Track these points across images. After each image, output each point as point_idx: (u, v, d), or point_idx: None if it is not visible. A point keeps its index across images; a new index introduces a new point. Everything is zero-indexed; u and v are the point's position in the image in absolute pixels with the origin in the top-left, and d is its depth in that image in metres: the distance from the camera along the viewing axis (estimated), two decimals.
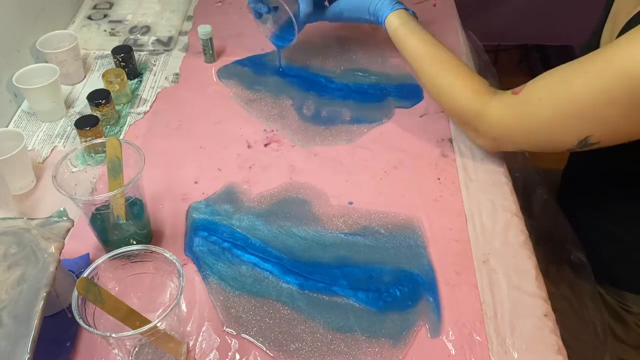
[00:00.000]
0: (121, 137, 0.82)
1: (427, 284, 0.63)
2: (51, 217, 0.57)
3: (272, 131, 0.83)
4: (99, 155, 0.65)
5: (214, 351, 0.57)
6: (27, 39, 0.90)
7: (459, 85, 0.71)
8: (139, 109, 0.87)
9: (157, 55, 0.98)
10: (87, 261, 0.65)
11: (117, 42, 0.99)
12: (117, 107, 0.86)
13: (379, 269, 0.64)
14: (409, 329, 0.59)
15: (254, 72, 0.94)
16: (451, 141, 0.80)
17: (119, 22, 1.05)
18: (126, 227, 0.62)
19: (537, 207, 0.82)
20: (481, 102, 0.68)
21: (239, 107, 0.87)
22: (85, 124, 0.77)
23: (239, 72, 0.93)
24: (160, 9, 1.09)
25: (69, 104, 0.88)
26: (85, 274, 0.50)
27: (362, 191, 0.74)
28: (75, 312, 0.47)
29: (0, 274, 0.51)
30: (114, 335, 0.47)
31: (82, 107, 0.87)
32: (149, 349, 0.55)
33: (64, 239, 0.55)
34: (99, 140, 0.62)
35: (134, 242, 0.63)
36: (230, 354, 0.57)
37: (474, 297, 0.62)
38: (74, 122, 0.78)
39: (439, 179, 0.75)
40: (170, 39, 1.01)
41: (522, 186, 0.81)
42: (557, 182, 0.90)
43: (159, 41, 1.01)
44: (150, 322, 0.47)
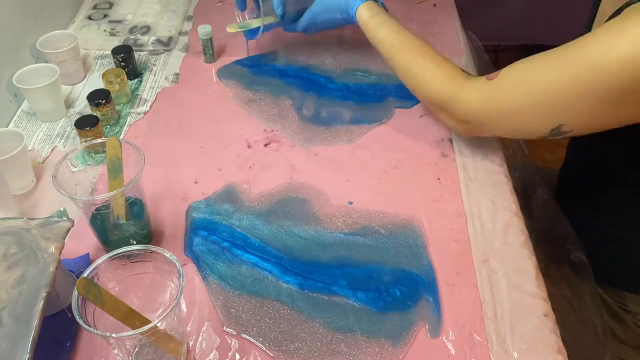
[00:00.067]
0: (121, 137, 0.82)
1: (427, 284, 0.63)
2: (51, 217, 0.57)
3: (272, 131, 0.83)
4: (99, 155, 0.65)
5: (214, 351, 0.57)
6: (27, 39, 0.90)
7: (432, 71, 0.72)
8: (139, 109, 0.87)
9: (157, 55, 0.98)
10: (87, 261, 0.65)
11: (117, 42, 0.99)
12: (117, 107, 0.86)
13: (378, 268, 0.64)
14: (409, 329, 0.59)
15: (254, 72, 0.94)
16: (451, 141, 0.80)
17: (119, 22, 1.05)
18: (126, 227, 0.62)
19: (537, 207, 0.82)
20: (455, 87, 0.69)
21: (239, 107, 0.87)
22: (85, 124, 0.77)
23: (239, 72, 0.93)
24: (160, 9, 1.09)
25: (69, 104, 0.88)
26: (85, 274, 0.50)
27: (362, 191, 0.74)
28: (75, 312, 0.47)
29: (0, 274, 0.51)
30: (114, 335, 0.47)
31: (82, 107, 0.88)
32: (149, 349, 0.55)
33: (64, 239, 0.55)
34: (99, 140, 0.62)
35: (134, 242, 0.63)
36: (230, 354, 0.57)
37: (474, 297, 0.62)
38: (74, 122, 0.78)
39: (439, 179, 0.75)
40: (170, 39, 1.01)
41: (522, 186, 0.81)
42: (556, 182, 0.90)
43: (159, 41, 1.01)
44: (150, 322, 0.47)
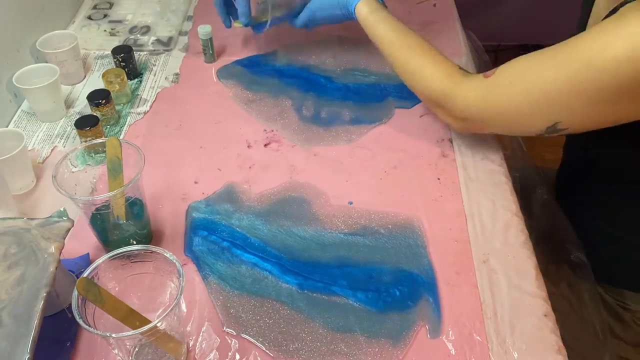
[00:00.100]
0: (121, 137, 0.82)
1: (427, 284, 0.63)
2: (51, 217, 0.57)
3: (272, 131, 0.83)
4: (99, 155, 0.65)
5: (214, 351, 0.57)
6: (27, 39, 0.90)
7: (430, 68, 0.72)
8: (139, 109, 0.87)
9: (157, 55, 0.98)
10: (87, 261, 0.65)
11: (117, 42, 0.99)
12: (117, 107, 0.86)
13: (378, 269, 0.64)
14: (409, 329, 0.59)
15: (254, 72, 0.93)
16: (451, 141, 0.80)
17: (119, 22, 1.05)
18: (126, 227, 0.62)
19: (537, 207, 0.82)
20: (452, 84, 0.69)
21: (239, 107, 0.87)
22: (85, 124, 0.77)
23: (239, 72, 0.93)
24: (160, 9, 1.09)
25: (69, 104, 0.88)
26: (85, 274, 0.50)
27: (362, 191, 0.74)
28: (75, 312, 0.47)
29: (0, 274, 0.51)
30: (114, 335, 0.47)
31: (82, 107, 0.87)
32: (149, 349, 0.55)
33: (64, 239, 0.55)
34: (99, 140, 0.62)
35: (134, 242, 0.63)
36: (230, 354, 0.57)
37: (474, 297, 0.62)
38: (74, 122, 0.78)
39: (439, 179, 0.75)
40: (170, 39, 1.01)
41: (522, 186, 0.81)
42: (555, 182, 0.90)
43: (159, 41, 1.01)
44: (150, 322, 0.47)
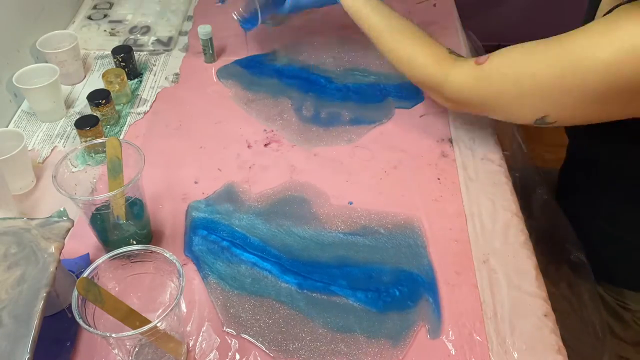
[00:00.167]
0: (121, 137, 0.82)
1: (427, 284, 0.63)
2: (51, 217, 0.57)
3: (272, 131, 0.83)
4: (99, 155, 0.65)
5: (214, 351, 0.57)
6: (27, 39, 0.90)
7: (419, 54, 0.72)
8: (139, 109, 0.87)
9: (157, 55, 0.98)
10: (87, 261, 0.65)
11: (117, 42, 0.99)
12: (117, 107, 0.86)
13: (378, 268, 0.64)
14: (408, 329, 0.59)
15: (254, 72, 0.93)
16: (451, 141, 0.80)
17: (119, 22, 1.05)
18: (126, 227, 0.62)
19: (537, 207, 0.82)
20: (443, 71, 0.70)
21: (239, 107, 0.87)
22: (85, 124, 0.77)
23: (239, 73, 0.93)
24: (160, 9, 1.09)
25: (69, 104, 0.88)
26: (85, 274, 0.50)
27: (362, 191, 0.74)
28: (75, 312, 0.47)
29: (0, 274, 0.51)
30: (114, 335, 0.47)
31: (82, 107, 0.88)
32: (149, 349, 0.55)
33: (64, 239, 0.55)
34: (99, 140, 0.62)
35: (134, 242, 0.63)
36: (230, 354, 0.57)
37: (474, 297, 0.62)
38: (74, 122, 0.78)
39: (439, 179, 0.75)
40: (170, 39, 1.01)
41: (521, 186, 0.81)
42: (556, 182, 0.90)
43: (159, 41, 1.01)
44: (150, 322, 0.47)
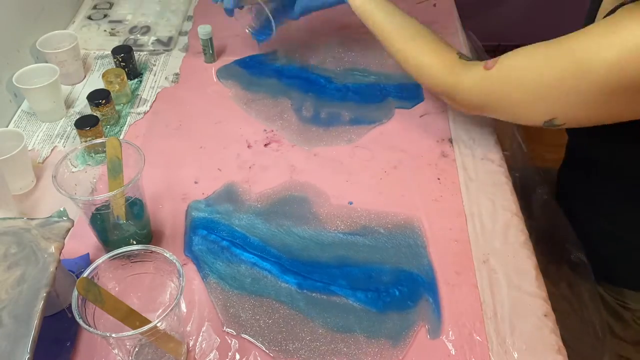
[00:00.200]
0: (121, 137, 0.82)
1: (427, 284, 0.63)
2: (51, 217, 0.57)
3: (272, 131, 0.83)
4: (99, 155, 0.65)
5: (214, 351, 0.57)
6: (27, 39, 0.90)
7: (429, 62, 0.72)
8: (139, 109, 0.87)
9: (157, 55, 0.98)
10: (87, 261, 0.65)
11: (117, 42, 0.99)
12: (117, 107, 0.86)
13: (378, 268, 0.64)
14: (408, 329, 0.59)
15: (254, 72, 0.93)
16: (451, 141, 0.80)
17: (119, 22, 1.05)
18: (126, 227, 0.62)
19: (537, 207, 0.82)
20: (453, 78, 0.70)
21: (239, 107, 0.87)
22: (85, 124, 0.77)
23: (239, 73, 0.93)
24: (160, 9, 1.09)
25: (69, 104, 0.88)
26: (85, 274, 0.50)
27: (362, 191, 0.74)
28: (75, 312, 0.47)
29: (0, 274, 0.51)
30: (114, 335, 0.47)
31: (82, 107, 0.88)
32: (149, 349, 0.55)
33: (64, 239, 0.55)
34: (99, 140, 0.62)
35: (134, 242, 0.63)
36: (230, 354, 0.57)
37: (474, 297, 0.62)
38: (74, 122, 0.78)
39: (439, 179, 0.75)
40: (170, 39, 1.01)
41: (521, 186, 0.81)
42: (556, 182, 0.90)
43: (159, 41, 1.01)
44: (150, 322, 0.47)
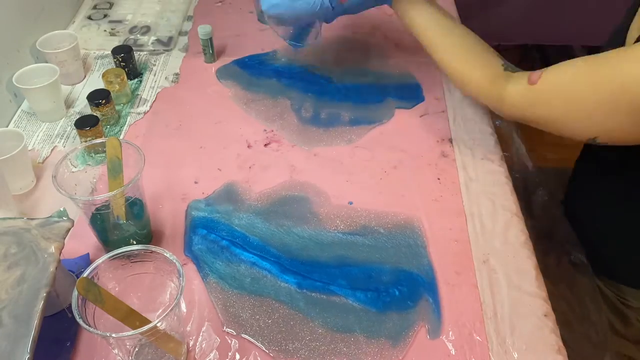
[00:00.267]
0: (121, 137, 0.82)
1: (427, 284, 0.63)
2: (51, 217, 0.57)
3: (272, 131, 0.83)
4: (99, 155, 0.65)
5: (214, 351, 0.57)
6: (27, 39, 0.90)
7: (472, 76, 0.70)
8: (139, 109, 0.87)
9: (157, 55, 0.98)
10: (87, 261, 0.65)
11: (117, 42, 0.99)
12: (117, 107, 0.86)
13: (378, 268, 0.64)
14: (408, 329, 0.59)
15: (254, 72, 0.93)
16: (451, 141, 0.80)
17: (119, 22, 1.05)
18: (126, 227, 0.62)
19: (537, 207, 0.82)
20: (497, 91, 0.68)
21: (239, 108, 0.87)
22: (85, 124, 0.77)
23: (238, 73, 0.93)
24: (160, 9, 1.09)
25: (69, 104, 0.88)
26: (85, 274, 0.50)
27: (362, 191, 0.74)
28: (75, 312, 0.47)
29: (0, 274, 0.51)
30: (114, 335, 0.47)
31: (82, 107, 0.87)
32: (149, 349, 0.55)
33: (64, 239, 0.55)
34: (99, 140, 0.62)
35: (134, 242, 0.63)
36: (230, 354, 0.57)
37: (474, 297, 0.62)
38: (74, 122, 0.78)
39: (439, 179, 0.75)
40: (170, 39, 1.01)
41: (522, 186, 0.81)
42: (559, 182, 0.90)
43: (159, 41, 1.01)
44: (150, 322, 0.47)
